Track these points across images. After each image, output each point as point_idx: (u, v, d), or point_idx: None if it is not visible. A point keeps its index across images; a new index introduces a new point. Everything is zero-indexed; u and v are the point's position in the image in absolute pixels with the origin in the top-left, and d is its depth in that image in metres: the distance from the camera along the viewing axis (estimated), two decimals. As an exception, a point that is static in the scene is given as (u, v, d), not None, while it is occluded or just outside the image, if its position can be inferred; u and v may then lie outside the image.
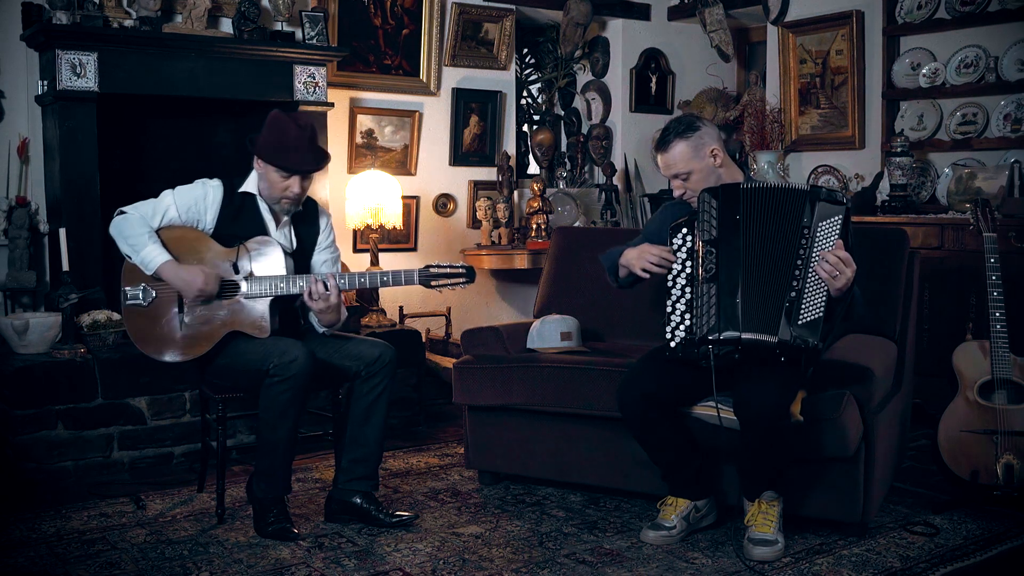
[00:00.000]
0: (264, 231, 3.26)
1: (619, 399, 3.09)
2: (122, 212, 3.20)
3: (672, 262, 3.02)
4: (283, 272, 3.17)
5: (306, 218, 3.36)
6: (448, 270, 3.22)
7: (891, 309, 3.42)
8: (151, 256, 3.13)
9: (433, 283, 3.21)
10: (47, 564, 2.92)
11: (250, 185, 3.26)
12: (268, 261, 3.18)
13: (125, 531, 3.22)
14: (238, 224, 3.23)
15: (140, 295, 3.18)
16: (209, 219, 3.23)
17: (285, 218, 3.30)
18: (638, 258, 3.08)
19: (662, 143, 3.12)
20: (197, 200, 3.22)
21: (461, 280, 3.22)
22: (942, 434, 3.39)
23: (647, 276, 3.08)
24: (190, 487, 3.67)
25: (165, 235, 3.19)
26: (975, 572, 2.87)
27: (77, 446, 3.84)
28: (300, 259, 3.33)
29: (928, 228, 4.54)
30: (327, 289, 3.15)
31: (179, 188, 3.25)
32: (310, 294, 3.15)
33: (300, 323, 3.38)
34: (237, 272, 3.17)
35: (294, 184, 3.18)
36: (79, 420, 3.85)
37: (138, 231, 3.14)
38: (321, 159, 3.24)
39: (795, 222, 2.90)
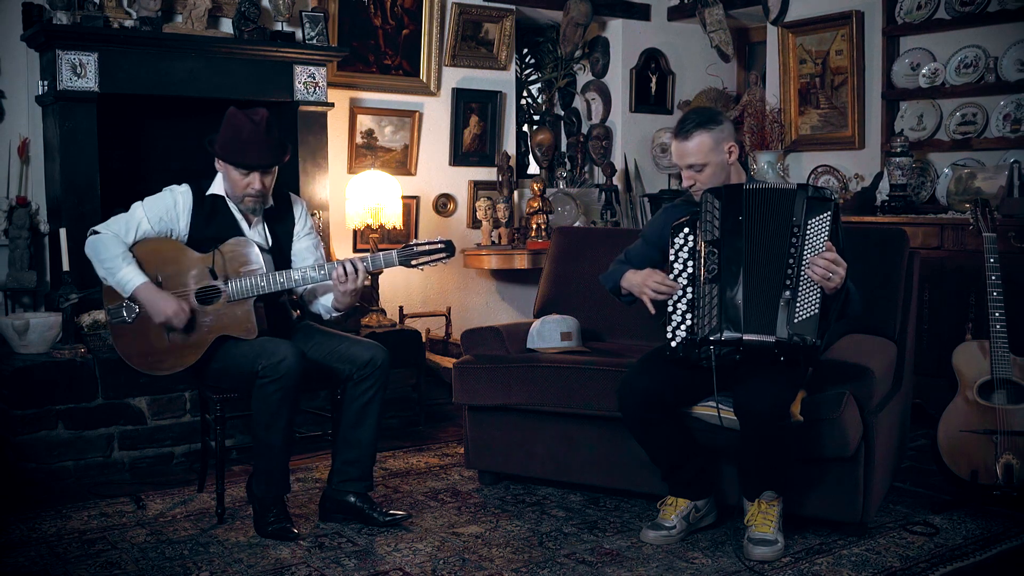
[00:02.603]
0: (238, 231, 3.24)
1: (619, 399, 3.09)
2: (95, 232, 3.18)
3: (675, 290, 3.00)
4: (262, 270, 3.15)
5: (279, 212, 3.34)
6: (427, 247, 3.16)
7: (891, 309, 3.42)
8: (127, 279, 3.11)
9: (413, 262, 3.15)
10: (47, 564, 2.93)
11: (217, 187, 3.25)
12: (246, 261, 3.16)
13: (125, 531, 3.22)
14: (211, 227, 3.21)
15: (124, 312, 3.18)
16: (182, 226, 3.22)
17: (257, 216, 3.28)
18: (642, 285, 3.07)
19: (682, 131, 3.06)
20: (168, 209, 3.20)
21: (442, 255, 3.16)
22: (942, 434, 3.39)
23: (652, 307, 3.06)
24: (190, 487, 3.68)
25: (141, 248, 3.17)
26: (975, 572, 2.87)
27: (77, 446, 3.84)
28: (278, 255, 3.31)
29: (928, 228, 4.54)
30: (353, 271, 3.11)
31: (148, 199, 3.22)
32: (337, 279, 3.11)
33: (290, 320, 3.37)
34: (215, 277, 3.15)
35: (255, 181, 3.16)
36: (79, 420, 3.85)
37: (112, 252, 3.12)
38: (279, 153, 3.19)
39: (786, 220, 2.91)
